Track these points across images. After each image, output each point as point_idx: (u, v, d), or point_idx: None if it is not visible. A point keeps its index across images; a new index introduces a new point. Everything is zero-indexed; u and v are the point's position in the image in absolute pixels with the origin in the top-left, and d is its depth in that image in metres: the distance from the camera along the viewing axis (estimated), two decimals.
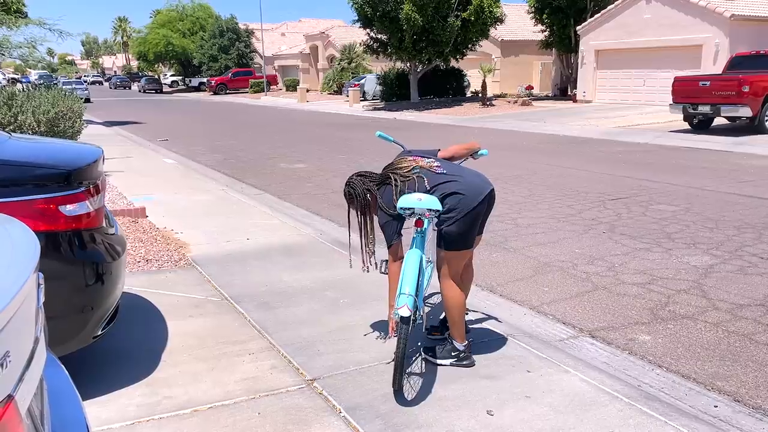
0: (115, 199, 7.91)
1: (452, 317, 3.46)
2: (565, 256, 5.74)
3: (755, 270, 5.21)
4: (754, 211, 7.31)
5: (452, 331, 3.49)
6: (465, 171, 3.43)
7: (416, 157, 3.45)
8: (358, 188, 3.46)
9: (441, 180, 3.30)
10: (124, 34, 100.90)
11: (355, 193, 3.47)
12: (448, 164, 3.44)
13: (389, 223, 3.38)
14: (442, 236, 3.35)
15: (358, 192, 3.46)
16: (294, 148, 14.81)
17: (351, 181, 3.50)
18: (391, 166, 3.48)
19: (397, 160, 3.49)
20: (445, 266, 3.42)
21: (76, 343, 3.07)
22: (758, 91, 14.53)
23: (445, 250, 3.38)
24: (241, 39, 55.91)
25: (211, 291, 4.77)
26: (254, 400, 3.13)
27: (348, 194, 3.51)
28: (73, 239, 2.99)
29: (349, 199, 3.52)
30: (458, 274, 3.46)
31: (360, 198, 3.46)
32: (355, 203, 3.49)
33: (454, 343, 3.48)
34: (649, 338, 3.95)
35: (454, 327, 3.47)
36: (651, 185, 9.07)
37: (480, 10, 26.35)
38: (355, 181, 3.48)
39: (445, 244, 3.35)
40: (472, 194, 3.27)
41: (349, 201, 3.53)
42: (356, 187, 3.46)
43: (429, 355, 3.52)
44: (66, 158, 3.27)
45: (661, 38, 22.35)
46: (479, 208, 3.30)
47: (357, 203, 3.48)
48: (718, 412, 3.03)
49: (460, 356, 3.47)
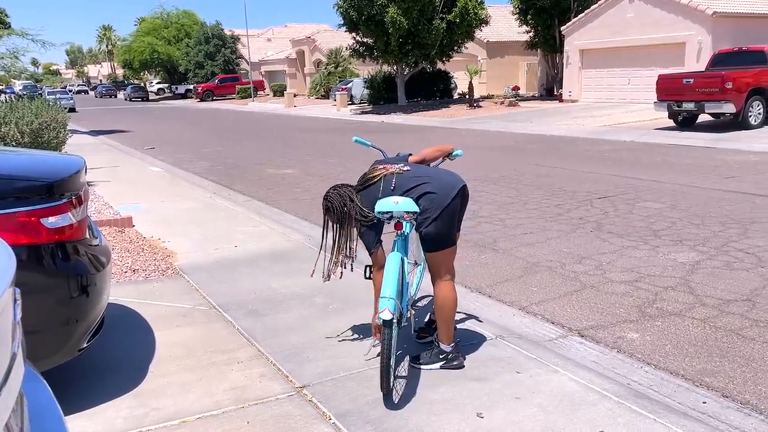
0: (101, 208, 7.85)
1: (442, 317, 3.45)
2: (553, 255, 5.76)
3: (741, 265, 5.25)
4: (739, 206, 7.37)
5: (440, 333, 3.49)
6: (435, 171, 3.47)
7: (386, 165, 3.48)
8: (335, 201, 3.46)
9: (412, 184, 3.33)
10: (109, 42, 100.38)
11: (333, 206, 3.47)
12: (417, 167, 3.48)
13: (367, 232, 3.41)
14: (423, 239, 3.37)
15: (335, 205, 3.46)
16: (282, 154, 14.78)
17: (328, 195, 3.52)
18: (364, 176, 3.52)
19: (370, 170, 3.54)
20: (434, 267, 3.42)
21: (61, 356, 3.04)
22: (741, 88, 14.67)
23: (430, 252, 3.38)
24: (227, 45, 55.76)
25: (199, 300, 4.74)
26: (243, 409, 3.11)
27: (326, 207, 3.52)
28: (56, 251, 2.96)
29: (326, 211, 3.52)
30: (450, 272, 3.45)
31: (337, 209, 3.45)
32: (332, 215, 3.49)
33: (441, 346, 3.47)
34: (638, 336, 3.97)
35: (443, 328, 3.46)
36: (637, 183, 9.12)
37: (465, 12, 26.45)
38: (332, 195, 3.50)
39: (428, 246, 3.37)
40: (444, 192, 3.29)
41: (326, 213, 3.53)
42: (333, 200, 3.47)
43: (416, 363, 3.50)
44: (47, 170, 3.24)
45: (645, 37, 22.51)
46: (453, 205, 3.32)
47: (334, 214, 3.48)
48: (706, 408, 3.05)
49: (449, 358, 3.46)
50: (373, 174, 3.47)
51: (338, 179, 10.56)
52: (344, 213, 3.42)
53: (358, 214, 3.39)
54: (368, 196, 3.41)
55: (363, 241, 3.44)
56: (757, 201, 7.62)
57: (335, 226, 3.49)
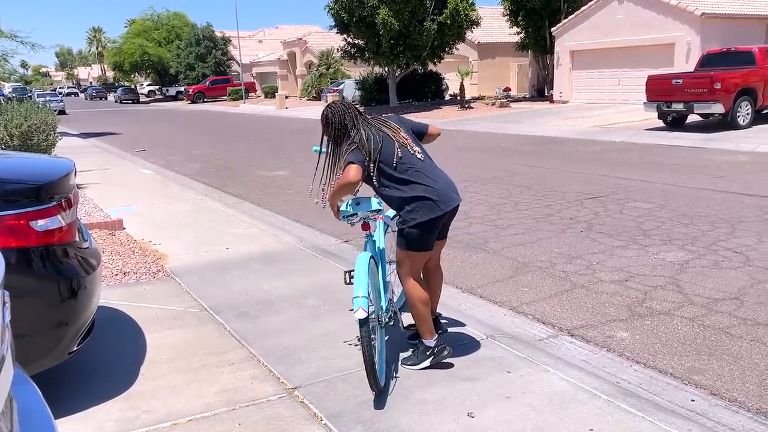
0: (91, 211, 7.82)
1: (417, 314, 3.46)
2: (544, 255, 5.79)
3: (729, 264, 5.29)
4: (728, 206, 7.43)
5: (420, 329, 3.50)
6: (442, 176, 3.44)
7: (408, 138, 3.44)
8: (336, 115, 3.42)
9: (414, 178, 3.30)
10: (99, 44, 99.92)
11: (333, 120, 3.41)
12: (428, 158, 3.46)
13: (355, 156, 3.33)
14: (404, 235, 3.36)
15: (335, 120, 3.41)
16: (273, 156, 14.77)
17: (332, 105, 3.46)
18: (379, 118, 3.48)
19: (387, 118, 3.49)
20: (404, 265, 3.43)
21: (51, 359, 3.03)
22: (730, 88, 14.77)
23: (405, 249, 3.38)
24: (218, 47, 55.62)
25: (190, 302, 4.73)
26: (234, 411, 3.12)
27: (325, 117, 3.46)
28: (45, 255, 2.96)
29: (324, 123, 3.47)
30: (418, 273, 3.48)
31: (335, 126, 3.41)
32: (330, 130, 3.44)
33: (425, 342, 3.48)
34: (627, 335, 4.00)
35: (421, 324, 3.47)
36: (627, 183, 9.18)
37: (456, 14, 26.50)
38: (335, 107, 3.44)
39: (406, 243, 3.37)
40: (442, 203, 3.31)
41: (324, 125, 3.47)
42: (336, 113, 3.42)
43: (408, 365, 3.50)
44: (36, 172, 3.24)
45: (634, 38, 22.64)
46: (444, 218, 3.36)
47: (332, 130, 3.43)
48: (695, 406, 3.07)
49: (435, 351, 3.47)
50: (390, 124, 3.43)
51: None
52: (342, 132, 3.38)
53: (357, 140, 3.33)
54: (384, 142, 3.33)
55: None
56: (746, 200, 7.68)
57: (329, 145, 3.44)
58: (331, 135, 3.44)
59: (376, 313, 3.31)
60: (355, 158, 3.28)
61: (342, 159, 3.35)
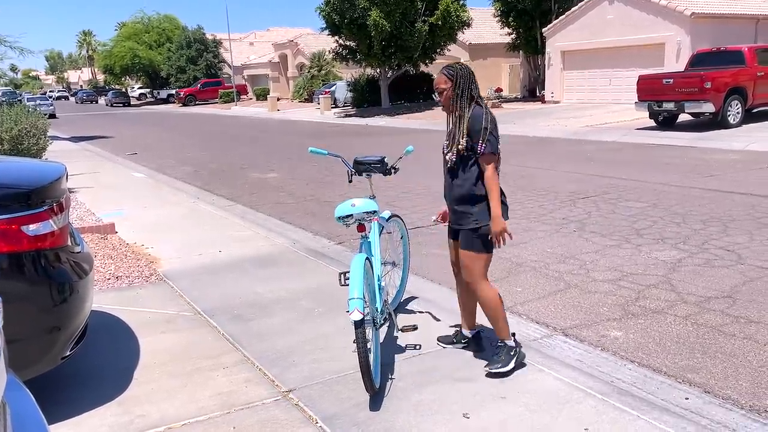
0: (83, 215, 7.78)
1: (498, 315, 3.44)
2: (537, 255, 5.80)
3: (721, 262, 5.32)
4: (719, 204, 7.47)
5: (501, 331, 3.46)
6: None
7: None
8: (466, 74, 3.33)
9: None
10: (89, 47, 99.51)
11: (462, 77, 3.31)
12: None
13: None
14: (481, 235, 3.34)
15: (465, 75, 3.32)
16: (265, 158, 14.74)
17: (464, 66, 3.39)
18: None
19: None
20: (479, 267, 3.41)
21: (44, 364, 3.01)
22: (720, 87, 14.86)
23: (483, 251, 3.38)
24: (209, 49, 55.49)
25: (183, 306, 4.71)
26: (229, 414, 3.10)
27: (451, 73, 3.33)
28: (37, 259, 2.94)
29: (450, 77, 3.33)
30: (486, 273, 3.46)
31: (462, 85, 3.30)
32: (458, 86, 3.31)
33: (507, 344, 3.46)
34: (621, 334, 4.01)
35: (503, 325, 3.45)
36: (619, 183, 9.22)
37: (447, 15, 26.54)
38: (466, 67, 3.38)
39: (484, 244, 3.36)
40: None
41: (450, 78, 3.33)
42: (466, 71, 3.34)
43: (495, 369, 3.38)
44: (27, 177, 3.22)
45: (625, 38, 22.75)
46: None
47: (456, 88, 3.31)
48: (689, 404, 3.08)
49: (518, 351, 3.47)
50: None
51: (323, 183, 10.58)
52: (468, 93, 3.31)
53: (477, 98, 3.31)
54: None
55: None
56: (737, 199, 7.73)
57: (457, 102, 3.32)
58: (456, 95, 3.32)
59: (371, 314, 3.31)
60: (496, 146, 3.28)
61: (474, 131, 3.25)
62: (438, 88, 3.39)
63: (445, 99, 3.36)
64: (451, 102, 3.34)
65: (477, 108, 3.32)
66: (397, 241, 4.49)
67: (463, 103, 3.32)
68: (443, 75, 3.37)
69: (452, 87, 3.33)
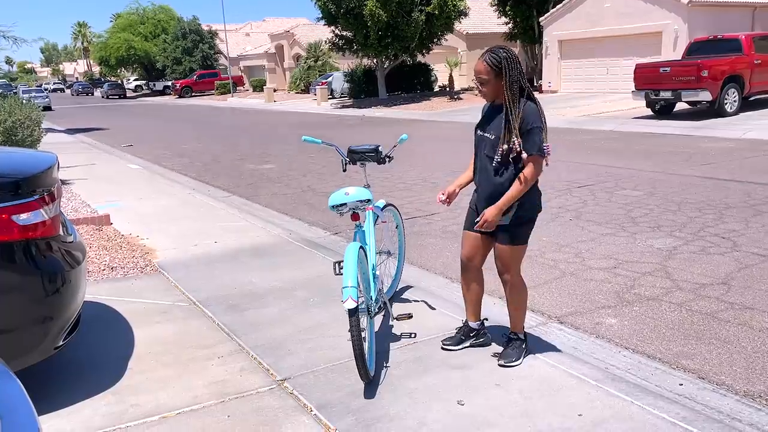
0: (78, 207, 7.76)
1: (522, 311, 3.47)
2: (533, 244, 5.74)
3: (716, 250, 5.32)
4: (715, 192, 7.47)
5: (517, 326, 3.48)
6: None
7: None
8: (516, 64, 3.04)
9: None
10: (85, 39, 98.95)
11: (510, 67, 3.00)
12: None
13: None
14: (518, 228, 3.24)
15: (516, 66, 3.02)
16: (262, 149, 14.69)
17: (509, 51, 3.07)
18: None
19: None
20: (518, 262, 3.38)
21: (37, 355, 3.00)
22: (717, 75, 14.83)
23: (520, 243, 3.32)
24: (205, 40, 55.21)
25: (179, 296, 4.70)
26: (224, 403, 3.10)
27: (496, 61, 3.00)
28: (28, 249, 2.92)
29: (495, 65, 3.01)
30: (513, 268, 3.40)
31: (512, 74, 3.01)
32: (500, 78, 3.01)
33: (519, 336, 3.48)
34: (616, 321, 4.01)
35: (520, 320, 3.48)
36: (616, 171, 9.21)
37: (444, 4, 26.42)
38: (514, 60, 3.06)
39: (522, 237, 3.30)
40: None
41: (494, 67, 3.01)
42: (515, 59, 3.04)
43: (510, 363, 3.35)
44: (18, 166, 3.19)
45: (622, 26, 22.68)
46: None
47: (508, 75, 3.00)
48: (683, 390, 3.09)
49: (527, 342, 3.51)
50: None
51: (319, 174, 10.55)
52: (519, 83, 3.05)
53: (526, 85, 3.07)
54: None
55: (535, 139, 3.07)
56: (733, 186, 7.72)
57: (508, 93, 3.04)
58: (506, 85, 3.02)
59: (365, 303, 3.31)
60: (548, 146, 3.07)
61: (526, 129, 3.05)
62: (480, 78, 3.05)
63: (490, 92, 3.07)
64: (494, 94, 3.08)
65: (530, 104, 3.09)
66: (392, 230, 4.48)
67: (513, 96, 3.03)
68: (485, 63, 3.02)
69: (497, 77, 3.02)
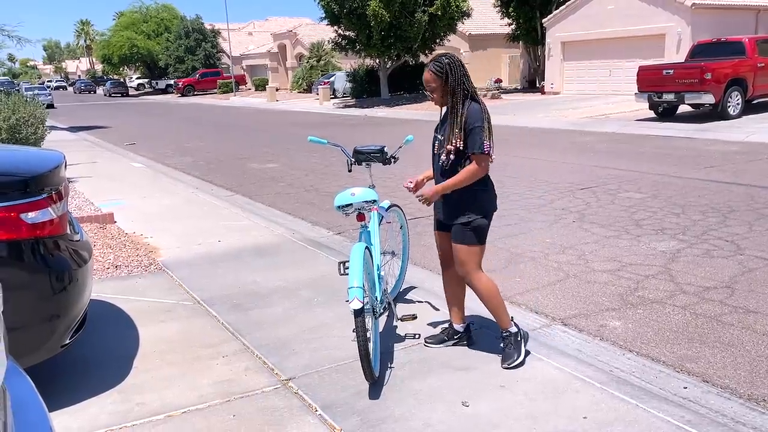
0: (82, 205, 7.77)
1: (494, 308, 3.43)
2: (536, 246, 5.80)
3: (720, 253, 5.32)
4: (718, 195, 7.47)
5: (501, 320, 3.45)
6: None
7: None
8: (458, 68, 3.20)
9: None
10: (87, 37, 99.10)
11: (453, 71, 3.17)
12: None
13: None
14: (473, 229, 3.31)
15: (458, 71, 3.18)
16: (265, 148, 14.71)
17: (449, 56, 3.25)
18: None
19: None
20: (473, 261, 3.37)
21: (43, 352, 3.01)
22: (720, 78, 14.82)
23: (476, 244, 3.34)
24: (208, 39, 55.27)
25: (183, 295, 4.71)
26: (229, 402, 3.11)
27: (440, 68, 3.19)
28: (36, 247, 2.93)
29: (439, 72, 3.19)
30: (480, 265, 3.42)
31: (456, 78, 3.18)
32: (447, 83, 3.19)
33: (510, 331, 3.44)
34: (620, 324, 4.02)
35: (502, 313, 3.44)
36: (619, 173, 9.21)
37: (447, 5, 26.42)
38: (456, 59, 3.23)
39: (477, 237, 3.33)
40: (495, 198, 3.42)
41: (438, 74, 3.19)
42: (457, 65, 3.21)
43: (512, 364, 3.36)
44: (26, 165, 3.21)
45: (625, 28, 22.67)
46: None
47: (449, 82, 3.18)
48: (687, 393, 3.09)
49: (523, 335, 3.49)
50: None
51: (322, 173, 10.56)
52: (460, 86, 3.19)
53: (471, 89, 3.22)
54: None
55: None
56: (736, 190, 7.72)
57: (449, 99, 3.22)
58: (450, 90, 3.20)
59: (370, 303, 3.32)
60: (489, 145, 3.17)
61: (467, 129, 3.18)
62: (428, 86, 3.27)
63: (438, 97, 3.26)
64: (444, 98, 3.25)
65: (474, 105, 3.22)
66: (396, 230, 4.49)
67: (457, 99, 3.22)
68: (431, 72, 3.22)
69: (443, 83, 3.21)
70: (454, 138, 3.22)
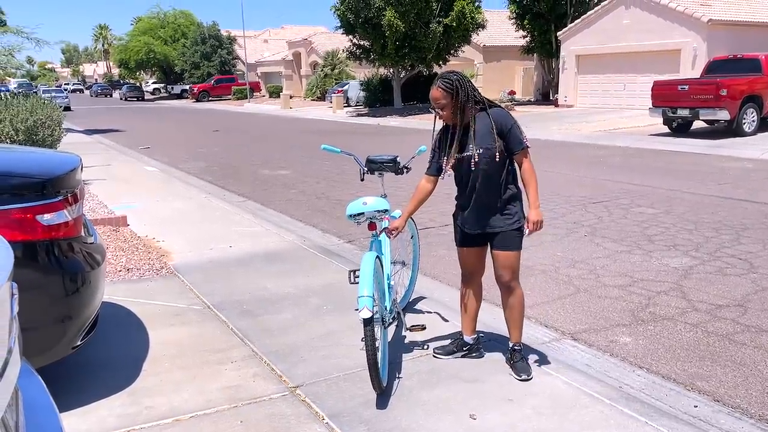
0: (95, 207, 7.84)
1: (521, 319, 3.52)
2: (547, 259, 5.78)
3: (733, 271, 5.28)
4: (732, 212, 7.41)
5: (518, 336, 3.52)
6: None
7: None
8: (466, 84, 3.23)
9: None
10: (105, 41, 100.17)
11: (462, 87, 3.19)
12: None
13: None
14: (521, 235, 3.43)
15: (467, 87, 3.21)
16: (277, 155, 14.78)
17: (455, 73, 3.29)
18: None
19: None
20: (517, 267, 3.46)
21: (55, 353, 3.03)
22: (735, 95, 14.75)
23: (520, 250, 3.46)
24: (224, 46, 55.72)
25: (193, 299, 4.73)
26: (236, 408, 3.12)
27: (449, 85, 3.18)
28: (51, 249, 2.96)
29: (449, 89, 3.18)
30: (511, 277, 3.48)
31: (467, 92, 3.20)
32: (458, 98, 3.18)
33: (522, 344, 3.53)
34: (630, 340, 3.99)
35: (521, 328, 3.53)
36: (632, 188, 9.16)
37: (462, 16, 26.52)
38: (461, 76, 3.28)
39: (521, 242, 3.43)
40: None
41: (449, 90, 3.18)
42: (464, 81, 3.23)
43: (526, 376, 3.37)
44: (43, 167, 3.24)
45: (641, 43, 22.63)
46: None
47: (460, 98, 3.19)
48: (698, 412, 3.06)
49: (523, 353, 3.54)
50: None
51: (334, 181, 10.59)
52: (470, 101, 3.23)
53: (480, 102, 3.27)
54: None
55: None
56: (750, 207, 7.66)
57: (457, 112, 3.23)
58: (458, 105, 3.21)
59: (380, 313, 3.32)
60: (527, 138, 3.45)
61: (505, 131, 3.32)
62: (437, 103, 3.24)
63: (448, 114, 3.24)
64: (455, 114, 3.24)
65: (497, 109, 3.33)
66: (407, 240, 4.49)
67: (471, 111, 3.26)
68: (440, 89, 3.20)
69: (453, 98, 3.20)
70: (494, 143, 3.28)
